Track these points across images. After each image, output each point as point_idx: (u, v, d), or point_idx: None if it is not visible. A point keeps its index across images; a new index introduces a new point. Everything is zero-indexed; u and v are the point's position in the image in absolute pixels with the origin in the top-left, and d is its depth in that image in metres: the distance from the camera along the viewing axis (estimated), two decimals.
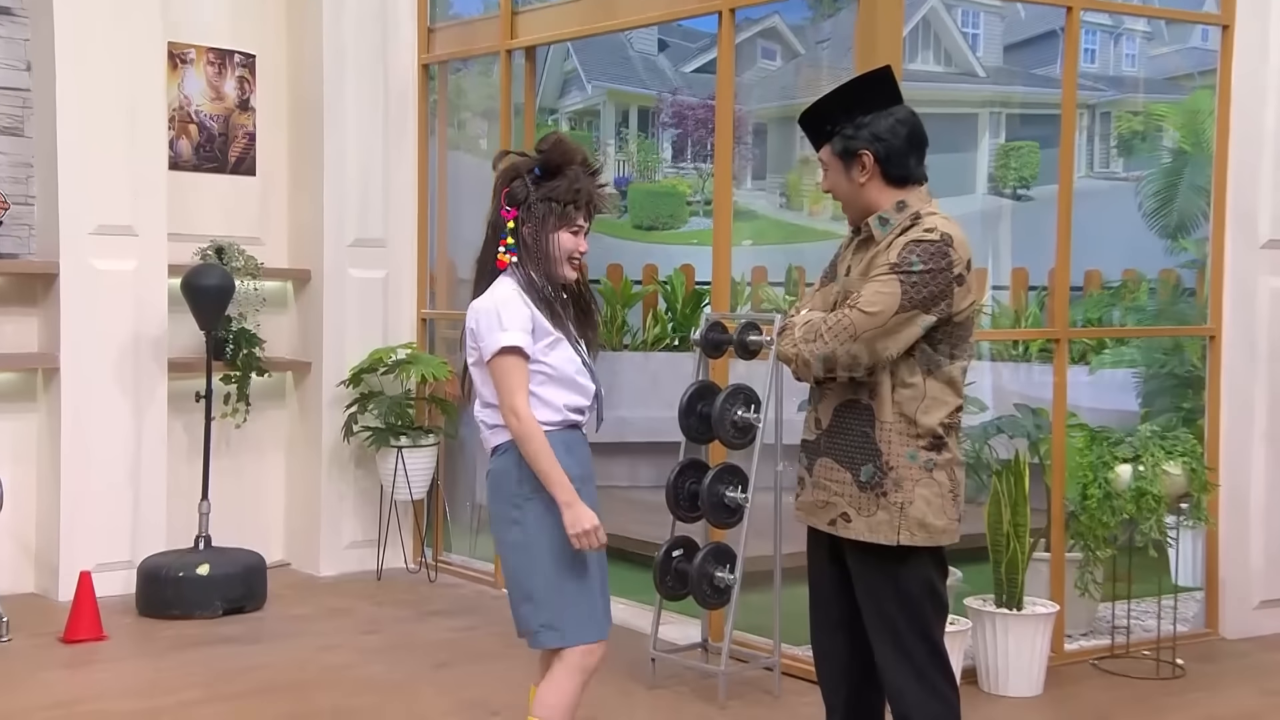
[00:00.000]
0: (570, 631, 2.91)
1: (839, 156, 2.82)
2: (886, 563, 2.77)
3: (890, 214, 2.79)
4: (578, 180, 2.96)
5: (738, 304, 7.42)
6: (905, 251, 2.71)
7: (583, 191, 2.96)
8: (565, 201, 2.94)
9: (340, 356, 5.78)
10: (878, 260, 2.75)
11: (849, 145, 2.80)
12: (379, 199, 5.92)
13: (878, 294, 2.70)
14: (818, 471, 2.85)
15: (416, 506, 5.94)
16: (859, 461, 2.78)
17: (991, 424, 5.35)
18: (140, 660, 4.56)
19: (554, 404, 2.92)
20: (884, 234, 2.78)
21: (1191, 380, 5.88)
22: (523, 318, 2.88)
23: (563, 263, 2.96)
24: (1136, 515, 4.38)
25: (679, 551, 4.27)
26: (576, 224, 2.96)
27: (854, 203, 2.84)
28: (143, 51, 5.33)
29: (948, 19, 9.04)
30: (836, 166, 2.83)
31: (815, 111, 2.86)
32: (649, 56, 10.96)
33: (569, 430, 2.95)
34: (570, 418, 2.95)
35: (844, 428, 2.80)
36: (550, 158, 2.98)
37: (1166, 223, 6.62)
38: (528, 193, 2.96)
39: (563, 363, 2.92)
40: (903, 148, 2.79)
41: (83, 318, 5.23)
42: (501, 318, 2.88)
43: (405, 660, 4.56)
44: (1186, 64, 7.54)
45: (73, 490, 5.20)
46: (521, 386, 2.87)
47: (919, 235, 2.73)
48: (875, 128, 2.78)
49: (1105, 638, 4.74)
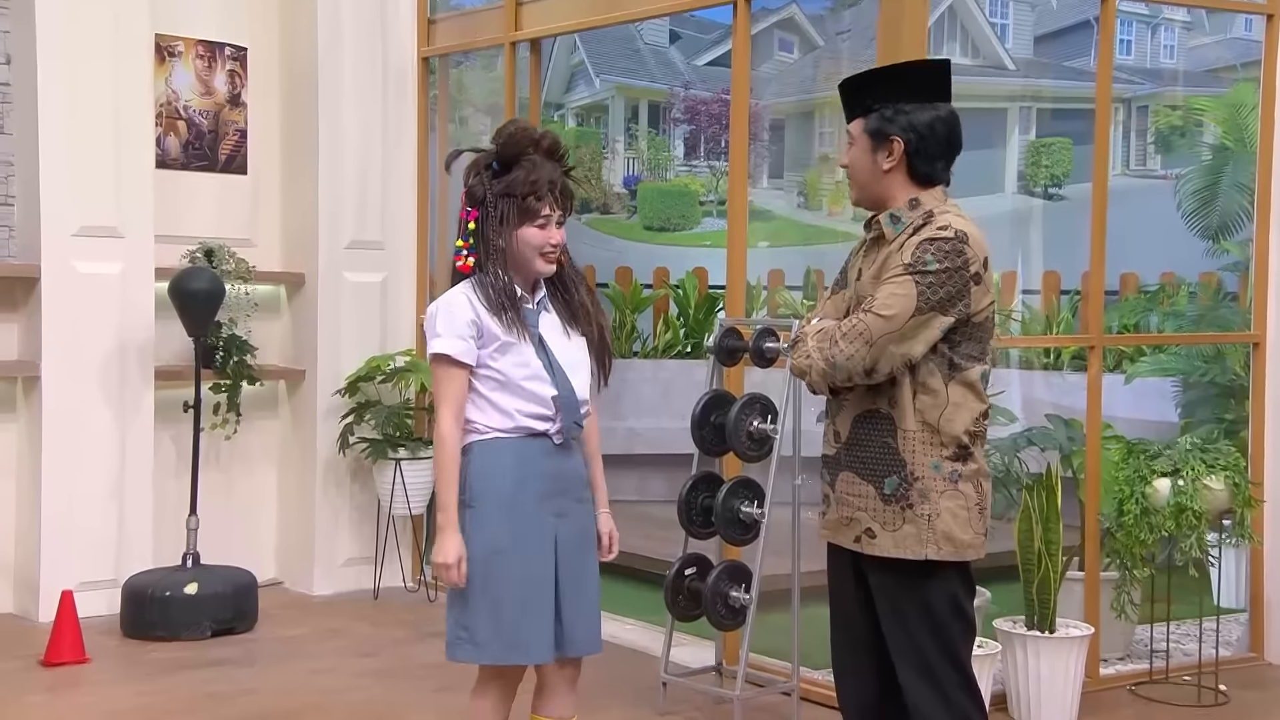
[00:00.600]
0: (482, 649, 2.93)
1: (870, 135, 2.82)
2: (912, 579, 2.76)
3: (902, 211, 2.80)
4: (535, 169, 2.93)
5: (753, 309, 7.42)
6: (919, 251, 2.71)
7: (540, 180, 2.93)
8: (524, 194, 2.92)
9: (336, 364, 5.79)
10: (890, 261, 2.76)
11: (884, 127, 2.80)
12: (376, 199, 5.93)
13: (893, 295, 2.70)
14: (840, 487, 2.85)
15: (415, 522, 5.94)
16: (882, 473, 2.77)
17: (1022, 436, 5.33)
18: (125, 684, 4.56)
19: (506, 410, 2.92)
20: (895, 233, 2.79)
21: (1234, 389, 5.86)
22: (462, 323, 2.90)
23: (534, 259, 2.95)
24: (1176, 532, 4.36)
25: (692, 570, 4.26)
26: (541, 215, 2.93)
27: (869, 187, 2.85)
28: (128, 44, 5.35)
29: (975, 9, 9.03)
30: (864, 144, 2.83)
31: (859, 82, 2.86)
32: (660, 49, 10.96)
33: (527, 439, 2.94)
34: (526, 424, 2.93)
35: (864, 439, 2.80)
36: (505, 149, 2.96)
37: (1207, 223, 6.60)
38: (485, 190, 2.96)
39: (513, 368, 2.92)
40: (936, 147, 2.80)
41: (65, 323, 5.24)
42: (438, 323, 2.93)
43: (403, 684, 4.55)
44: (1228, 55, 7.53)
45: (54, 505, 5.21)
46: (447, 396, 2.91)
47: (932, 233, 2.73)
48: (915, 118, 2.79)
49: (1143, 662, 4.72)
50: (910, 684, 2.78)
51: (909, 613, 2.77)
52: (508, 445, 2.92)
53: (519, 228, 2.93)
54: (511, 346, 2.91)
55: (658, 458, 7.10)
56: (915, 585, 2.77)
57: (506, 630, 2.91)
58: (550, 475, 2.96)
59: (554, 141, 2.99)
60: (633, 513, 6.60)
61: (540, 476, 2.94)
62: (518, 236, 2.94)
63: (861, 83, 2.86)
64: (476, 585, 2.91)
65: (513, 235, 2.94)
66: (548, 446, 2.95)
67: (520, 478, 2.92)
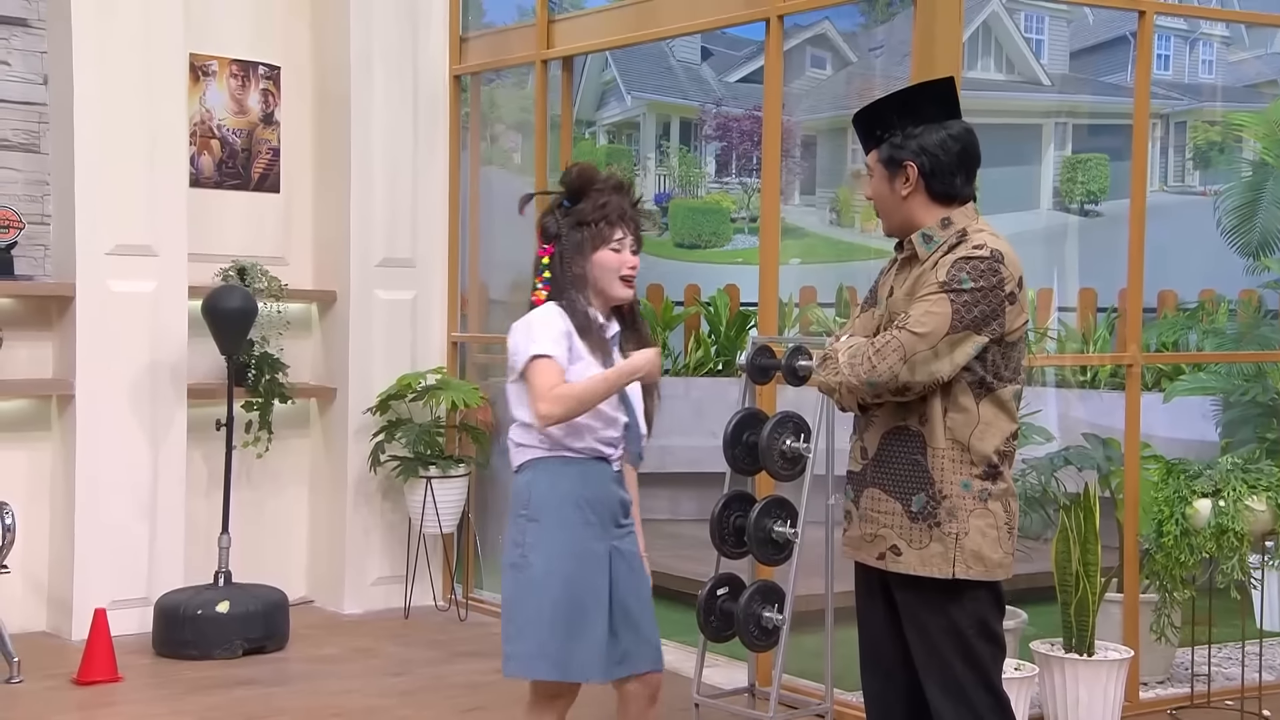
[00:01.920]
0: (533, 664, 3.00)
1: (884, 164, 2.85)
2: (938, 598, 2.75)
3: (934, 231, 2.80)
4: (603, 196, 3.09)
5: (785, 326, 7.41)
6: (954, 269, 2.71)
7: (610, 205, 3.08)
8: (595, 220, 3.06)
9: (367, 382, 5.82)
10: (924, 279, 2.75)
11: (895, 154, 2.82)
12: (408, 217, 5.96)
13: (928, 314, 2.69)
14: (865, 503, 2.84)
15: (446, 541, 5.95)
16: (910, 491, 2.77)
17: (1059, 455, 5.29)
18: (157, 703, 4.58)
19: (580, 430, 3.03)
20: (928, 252, 2.79)
21: (1276, 409, 5.80)
22: (557, 331, 3.01)
23: (612, 283, 3.08)
24: (1217, 554, 4.31)
25: (724, 590, 4.25)
26: (614, 240, 3.07)
27: (893, 214, 2.87)
28: (163, 64, 5.41)
29: (1010, 24, 9.01)
30: (881, 174, 2.86)
31: (868, 114, 2.89)
32: (692, 66, 10.99)
33: (591, 461, 3.05)
34: (596, 447, 3.05)
35: (892, 456, 2.80)
36: (573, 184, 3.12)
37: (1247, 240, 6.54)
38: (557, 224, 3.10)
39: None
40: (950, 164, 2.80)
41: (99, 342, 5.29)
42: (533, 330, 3.02)
43: (434, 704, 4.55)
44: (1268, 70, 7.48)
45: (87, 523, 5.25)
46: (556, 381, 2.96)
47: (968, 252, 2.73)
48: (925, 140, 2.80)
49: (1184, 686, 4.66)
50: (940, 705, 2.76)
51: (935, 632, 2.76)
52: (574, 466, 3.04)
53: (595, 252, 3.06)
54: (591, 368, 3.02)
55: (690, 476, 7.08)
56: (942, 604, 2.75)
57: (560, 648, 2.98)
58: (608, 500, 3.07)
59: (621, 179, 3.15)
60: (664, 532, 6.60)
61: (601, 500, 3.05)
62: (594, 262, 3.07)
63: (870, 114, 2.88)
64: (532, 602, 2.99)
65: (589, 261, 3.07)
66: (608, 472, 3.08)
67: (583, 499, 3.03)
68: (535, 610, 2.98)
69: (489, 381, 6.29)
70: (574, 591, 2.99)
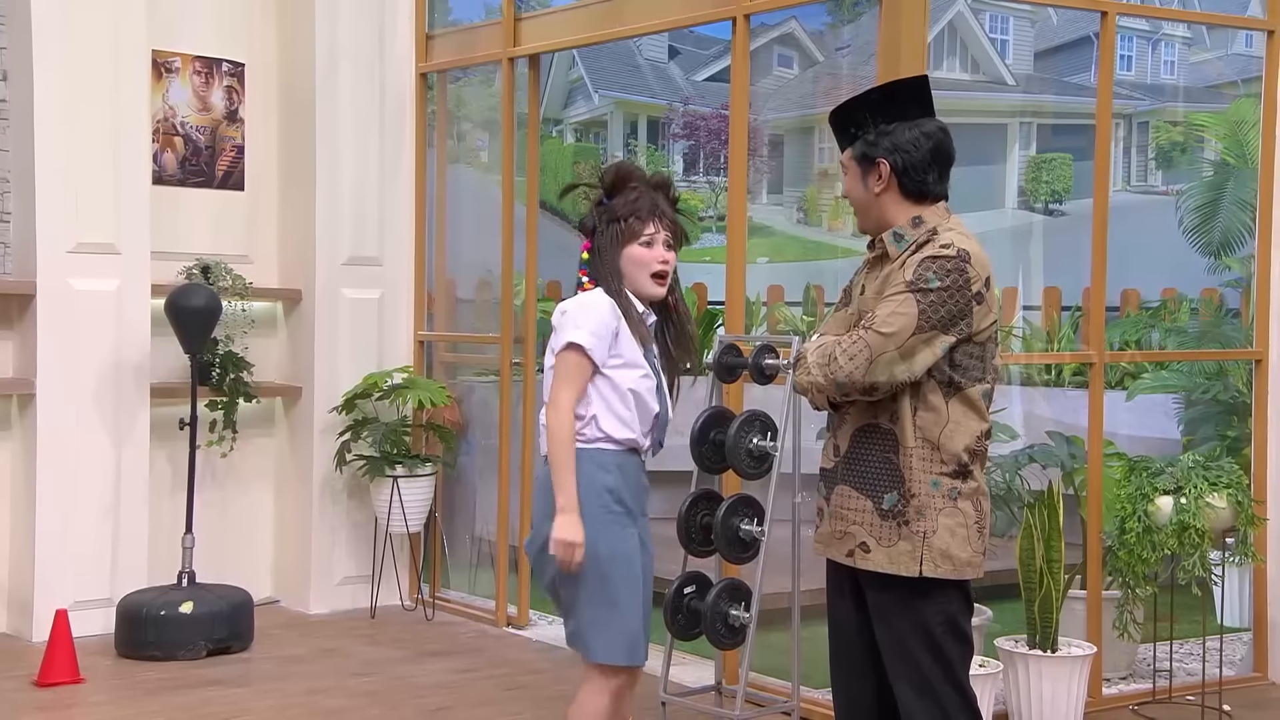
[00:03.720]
0: (596, 648, 3.09)
1: (857, 161, 2.86)
2: (907, 597, 2.76)
3: (905, 230, 2.81)
4: (636, 192, 3.16)
5: (753, 325, 7.43)
6: (921, 268, 2.73)
7: (641, 200, 3.15)
8: (626, 215, 3.13)
9: (333, 381, 5.79)
10: (893, 279, 2.77)
11: (869, 152, 2.84)
12: (374, 215, 5.94)
13: (894, 314, 2.71)
14: (835, 500, 2.86)
15: (413, 540, 5.93)
16: (881, 489, 2.78)
17: (1023, 453, 5.33)
18: (119, 704, 4.55)
19: (624, 419, 3.11)
20: (899, 250, 2.80)
21: (1236, 406, 5.86)
22: (603, 323, 3.06)
23: (643, 279, 3.14)
24: (1179, 551, 4.35)
25: (691, 588, 4.25)
26: (645, 235, 3.13)
27: (867, 212, 2.89)
28: (125, 60, 5.37)
29: (975, 24, 9.06)
30: (855, 171, 2.88)
31: (843, 111, 2.91)
32: (659, 64, 11.00)
33: (627, 453, 3.14)
34: (635, 437, 3.14)
35: (864, 454, 2.81)
36: (610, 181, 3.19)
37: (1208, 239, 6.61)
38: (594, 220, 3.18)
39: (638, 379, 3.11)
40: (923, 162, 2.81)
41: (61, 341, 5.25)
42: (581, 316, 3.07)
43: (401, 704, 4.54)
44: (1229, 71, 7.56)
45: (48, 523, 5.21)
46: (573, 384, 3.05)
47: (935, 251, 2.75)
48: (897, 138, 2.81)
49: (1146, 682, 4.71)
50: (908, 703, 2.77)
51: (905, 630, 2.77)
52: (613, 457, 3.11)
53: (626, 246, 3.12)
54: (636, 357, 3.09)
55: (656, 474, 7.04)
56: (911, 602, 2.77)
57: (634, 631, 3.10)
58: (640, 490, 3.18)
59: (662, 178, 3.22)
60: None
61: (635, 491, 3.16)
62: (626, 256, 3.13)
63: (845, 111, 2.90)
64: (600, 585, 3.07)
65: (620, 255, 3.13)
66: (638, 463, 3.18)
67: (622, 492, 3.12)
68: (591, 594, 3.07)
69: (456, 380, 6.28)
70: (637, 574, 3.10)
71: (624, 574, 3.09)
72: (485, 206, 6.00)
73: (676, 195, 3.24)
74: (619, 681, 3.15)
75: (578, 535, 3.02)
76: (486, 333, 6.06)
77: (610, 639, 3.09)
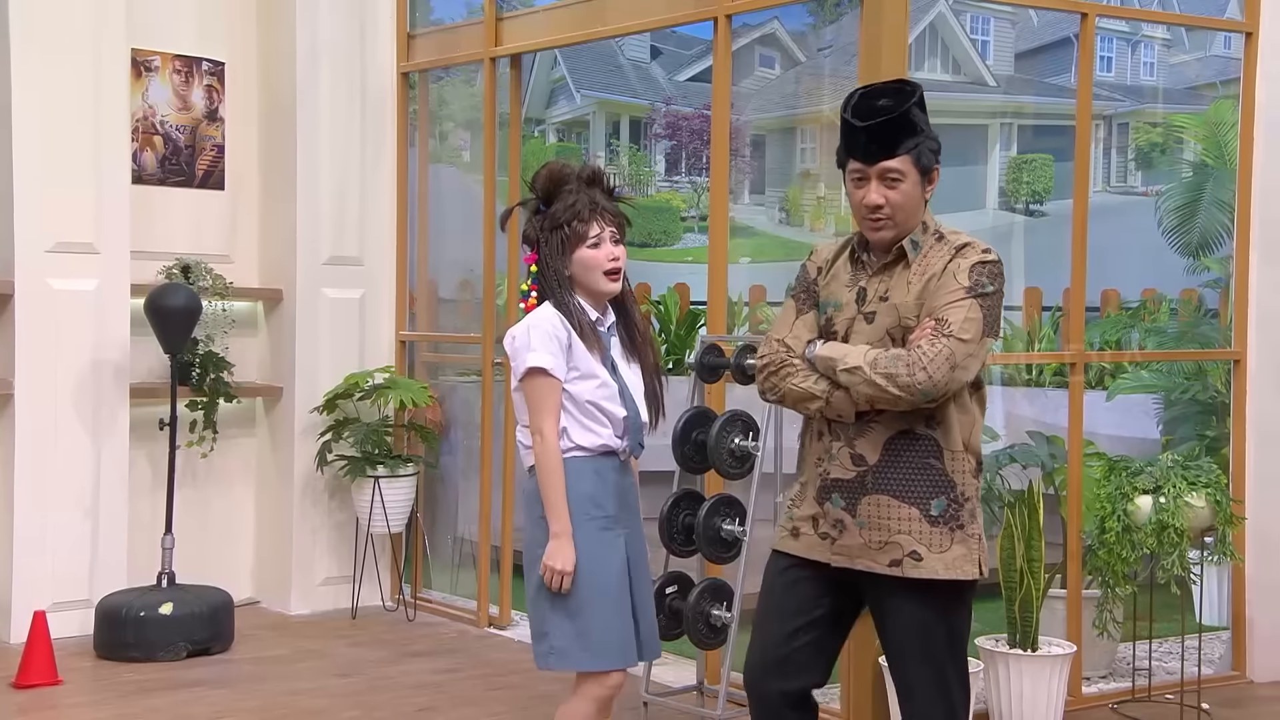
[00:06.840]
0: (577, 656, 3.06)
1: (919, 169, 2.76)
2: (948, 601, 2.78)
3: (918, 234, 2.81)
4: (573, 194, 3.11)
5: (735, 325, 7.44)
6: (975, 273, 2.73)
7: (579, 202, 3.10)
8: (568, 220, 3.09)
9: (314, 381, 5.78)
10: (941, 284, 2.73)
11: (928, 160, 2.77)
12: (355, 215, 5.93)
13: (967, 320, 2.71)
14: (866, 511, 2.78)
15: (394, 540, 5.92)
16: (926, 495, 2.76)
17: (1004, 453, 5.35)
18: (98, 706, 4.53)
19: (591, 427, 3.09)
20: (914, 256, 2.79)
21: (1215, 406, 5.89)
22: (552, 339, 3.05)
23: (597, 279, 3.11)
24: (1158, 550, 4.37)
25: (673, 588, 4.26)
26: (591, 236, 3.10)
27: (911, 219, 2.79)
28: (104, 58, 5.34)
29: (956, 25, 9.09)
30: (915, 179, 2.77)
31: (903, 117, 2.73)
32: (641, 64, 11.01)
33: (602, 457, 3.12)
34: (606, 442, 3.11)
35: (900, 461, 2.77)
36: (543, 188, 3.14)
37: (1188, 240, 6.64)
38: (536, 230, 3.14)
39: (594, 388, 3.08)
40: None
41: (39, 341, 5.22)
42: (532, 338, 3.06)
43: (383, 705, 4.53)
44: (1208, 73, 7.59)
45: (26, 524, 5.18)
46: (549, 409, 3.04)
47: (981, 256, 2.75)
48: (935, 144, 2.79)
49: (1126, 680, 4.73)
50: (922, 699, 2.79)
51: (938, 633, 2.79)
52: (588, 463, 3.09)
53: (573, 251, 3.09)
54: (592, 367, 3.07)
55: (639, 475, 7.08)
56: (949, 606, 2.79)
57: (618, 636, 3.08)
58: (621, 492, 3.14)
59: (593, 171, 3.16)
60: None
61: (615, 493, 3.12)
62: (576, 260, 3.10)
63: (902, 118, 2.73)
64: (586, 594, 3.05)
65: (569, 262, 3.10)
66: (617, 465, 3.14)
67: (600, 494, 3.09)
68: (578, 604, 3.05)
69: (438, 380, 6.27)
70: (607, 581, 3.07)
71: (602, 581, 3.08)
72: (467, 206, 5.99)
73: (611, 184, 3.18)
74: (606, 688, 3.14)
75: (569, 564, 3.02)
76: (468, 332, 6.05)
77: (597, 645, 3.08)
